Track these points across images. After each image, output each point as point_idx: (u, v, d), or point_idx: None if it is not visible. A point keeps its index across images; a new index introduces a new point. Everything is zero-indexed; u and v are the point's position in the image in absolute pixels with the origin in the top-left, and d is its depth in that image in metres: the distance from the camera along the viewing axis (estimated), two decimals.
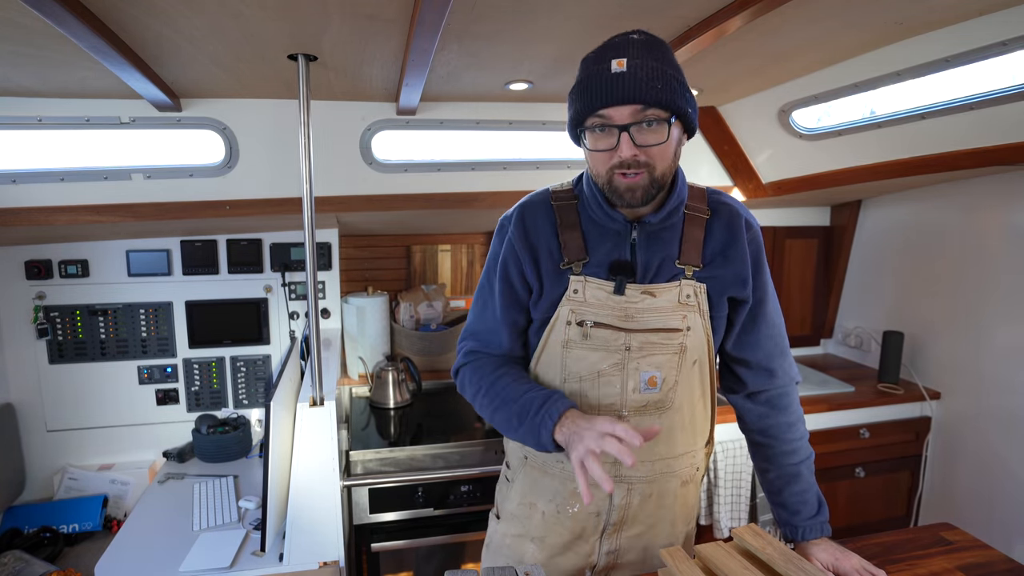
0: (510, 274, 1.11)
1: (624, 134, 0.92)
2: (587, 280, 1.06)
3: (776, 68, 1.75)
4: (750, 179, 2.35)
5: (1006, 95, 1.54)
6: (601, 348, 1.06)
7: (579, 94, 0.95)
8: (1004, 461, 2.06)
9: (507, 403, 1.04)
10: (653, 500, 1.14)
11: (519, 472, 1.21)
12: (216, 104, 1.82)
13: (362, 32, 1.28)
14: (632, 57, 0.90)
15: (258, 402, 2.28)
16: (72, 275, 2.05)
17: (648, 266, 1.06)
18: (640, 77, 0.89)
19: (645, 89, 0.89)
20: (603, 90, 0.91)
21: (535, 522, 1.17)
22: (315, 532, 1.47)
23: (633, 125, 0.91)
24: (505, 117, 2.04)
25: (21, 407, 2.06)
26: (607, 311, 1.05)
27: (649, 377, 1.06)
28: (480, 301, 1.17)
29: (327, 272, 2.29)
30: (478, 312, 1.17)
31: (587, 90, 0.93)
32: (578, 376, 1.07)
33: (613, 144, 0.94)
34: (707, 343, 1.09)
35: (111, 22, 1.18)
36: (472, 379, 1.14)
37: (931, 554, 1.13)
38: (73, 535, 1.89)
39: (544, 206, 1.10)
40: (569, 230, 1.08)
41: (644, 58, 0.91)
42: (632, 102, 0.90)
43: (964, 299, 2.20)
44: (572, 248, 1.07)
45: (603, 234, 1.07)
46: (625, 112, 0.91)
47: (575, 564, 1.16)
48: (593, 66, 0.93)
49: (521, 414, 1.01)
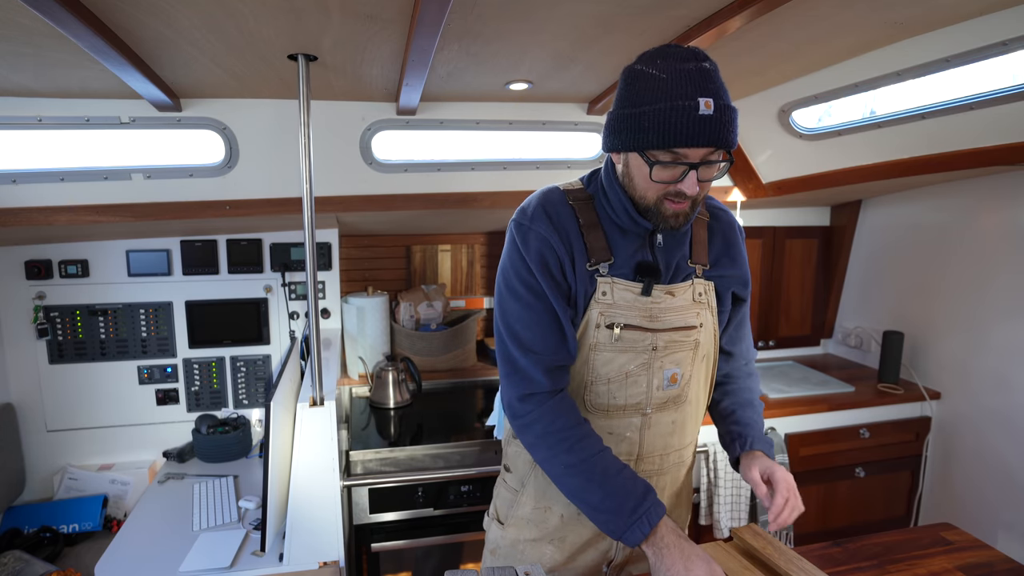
0: (550, 268, 1.04)
1: (693, 171, 0.92)
2: (614, 282, 1.05)
3: (776, 68, 1.75)
4: (750, 179, 2.35)
5: (1006, 95, 1.54)
6: (629, 350, 1.07)
7: (657, 125, 0.90)
8: (1004, 461, 2.06)
9: (597, 483, 0.99)
10: (666, 490, 1.19)
11: (529, 477, 1.19)
12: (216, 104, 1.82)
13: (362, 32, 1.28)
14: (716, 96, 0.89)
15: (258, 402, 2.28)
16: (72, 275, 2.05)
17: (668, 266, 1.09)
18: (724, 121, 0.89)
19: (727, 136, 0.90)
20: (691, 131, 0.89)
21: (553, 525, 1.17)
22: (315, 532, 1.47)
23: (703, 164, 0.92)
24: (505, 117, 2.04)
25: (21, 407, 2.06)
26: (635, 312, 1.06)
27: (671, 375, 1.10)
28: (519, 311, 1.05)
29: (327, 272, 2.29)
30: (526, 322, 1.04)
31: (670, 126, 0.89)
32: (606, 378, 1.08)
33: (676, 176, 0.94)
34: (714, 338, 1.15)
35: (111, 22, 1.18)
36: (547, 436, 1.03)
37: (931, 554, 1.13)
38: (73, 535, 1.89)
39: (563, 204, 1.07)
40: (592, 230, 1.06)
41: (724, 97, 0.91)
42: (715, 147, 0.91)
43: (964, 299, 2.20)
44: (597, 249, 1.05)
45: (625, 236, 1.07)
46: (701, 152, 0.91)
47: (594, 560, 1.19)
48: (679, 100, 0.89)
49: (615, 505, 0.98)
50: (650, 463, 1.14)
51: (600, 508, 0.99)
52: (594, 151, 2.22)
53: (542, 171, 2.17)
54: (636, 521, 0.96)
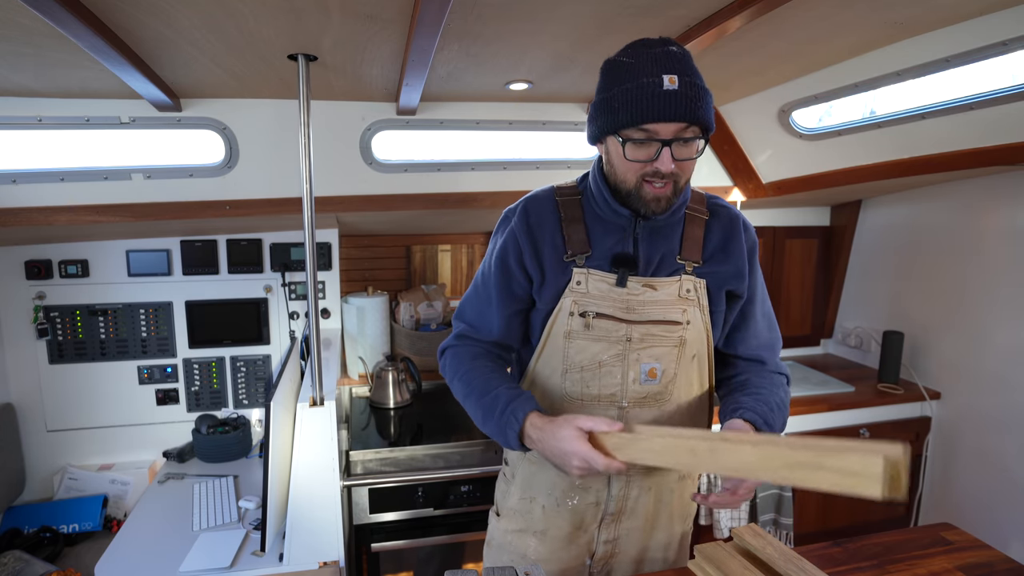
0: (508, 262, 1.13)
1: (666, 148, 0.95)
2: (590, 272, 1.08)
3: (776, 68, 1.75)
4: (750, 179, 2.35)
5: (1006, 95, 1.55)
6: (603, 339, 1.08)
7: (626, 103, 0.94)
8: (1004, 461, 2.06)
9: (477, 395, 1.09)
10: (652, 493, 1.17)
11: (518, 467, 1.23)
12: (216, 104, 1.82)
13: (362, 32, 1.28)
14: (682, 74, 0.93)
15: (258, 402, 2.28)
16: (72, 275, 2.05)
17: (650, 260, 1.09)
18: (690, 96, 0.92)
19: (694, 108, 0.93)
20: (654, 105, 0.92)
21: (536, 516, 1.20)
22: (315, 532, 1.47)
23: (675, 140, 0.94)
24: (505, 117, 2.04)
25: (21, 407, 2.06)
26: (609, 302, 1.08)
27: (649, 369, 1.09)
28: (474, 286, 1.20)
29: (327, 272, 2.29)
30: (471, 296, 1.20)
31: (636, 102, 0.93)
32: (579, 366, 1.10)
33: (652, 156, 0.96)
34: (706, 338, 1.12)
35: (111, 22, 1.18)
36: (451, 363, 1.17)
37: (931, 554, 1.13)
38: (73, 535, 1.89)
39: (548, 201, 1.13)
40: (573, 224, 1.11)
41: (691, 75, 0.94)
42: (682, 120, 0.93)
43: (964, 299, 2.20)
44: (575, 241, 1.10)
45: (606, 229, 1.10)
46: (672, 127, 0.94)
47: (576, 554, 1.19)
48: (644, 77, 0.93)
49: (488, 409, 1.05)
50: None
51: (484, 422, 1.07)
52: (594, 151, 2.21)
53: (542, 171, 2.17)
54: (507, 421, 1.01)
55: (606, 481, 1.15)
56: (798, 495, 2.14)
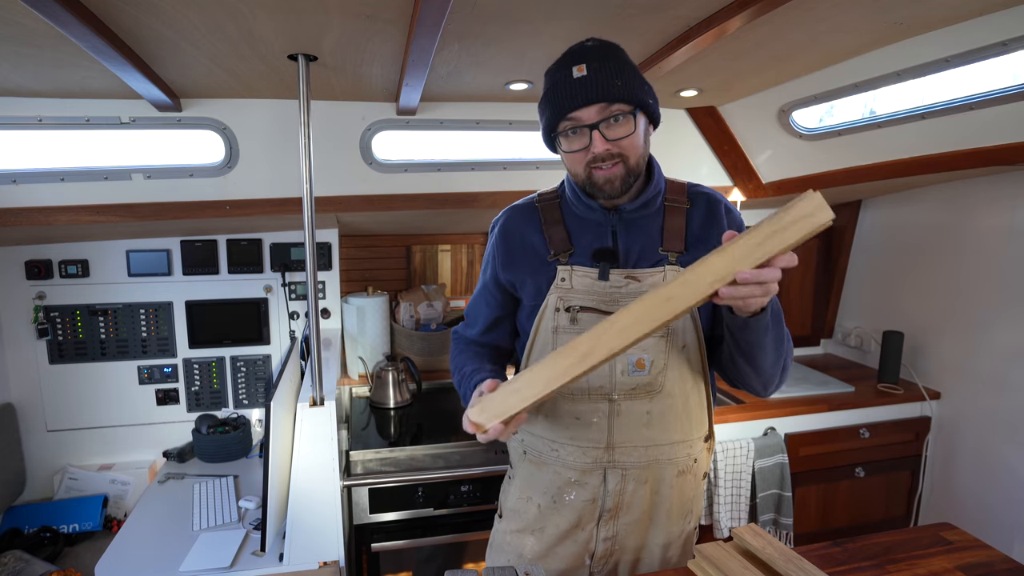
0: (487, 272, 1.23)
1: (595, 132, 0.99)
2: (573, 269, 1.12)
3: (776, 68, 1.75)
4: (750, 179, 2.35)
5: (1006, 95, 1.54)
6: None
7: (548, 102, 1.03)
8: (1004, 461, 2.06)
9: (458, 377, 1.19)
10: (648, 487, 1.16)
11: (519, 468, 1.24)
12: (216, 104, 1.82)
13: (362, 32, 1.28)
14: (591, 61, 0.99)
15: (258, 402, 2.28)
16: (72, 275, 2.05)
17: (629, 252, 1.11)
18: (601, 78, 0.98)
19: (607, 87, 0.97)
20: (568, 95, 0.99)
21: (532, 515, 1.21)
22: (315, 532, 1.47)
23: (602, 122, 0.99)
24: (505, 117, 2.04)
25: (21, 407, 2.06)
26: (593, 296, 1.10)
27: (637, 359, 1.09)
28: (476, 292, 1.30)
29: (327, 272, 2.29)
30: (472, 296, 1.31)
31: (555, 97, 1.01)
32: None
33: (586, 143, 1.02)
34: (695, 328, 1.10)
35: (111, 22, 1.18)
36: (452, 355, 1.29)
37: (931, 554, 1.13)
38: (73, 535, 1.89)
39: (529, 208, 1.20)
40: (553, 226, 1.15)
41: (601, 60, 0.99)
42: (597, 101, 0.98)
43: (964, 299, 2.20)
44: (557, 241, 1.14)
45: (585, 226, 1.14)
46: (592, 111, 0.99)
47: (574, 552, 1.19)
48: (557, 74, 1.02)
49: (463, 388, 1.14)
50: (625, 454, 1.12)
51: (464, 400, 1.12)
52: None
53: (542, 171, 2.18)
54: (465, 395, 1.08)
55: (602, 477, 1.15)
56: (798, 495, 2.15)
